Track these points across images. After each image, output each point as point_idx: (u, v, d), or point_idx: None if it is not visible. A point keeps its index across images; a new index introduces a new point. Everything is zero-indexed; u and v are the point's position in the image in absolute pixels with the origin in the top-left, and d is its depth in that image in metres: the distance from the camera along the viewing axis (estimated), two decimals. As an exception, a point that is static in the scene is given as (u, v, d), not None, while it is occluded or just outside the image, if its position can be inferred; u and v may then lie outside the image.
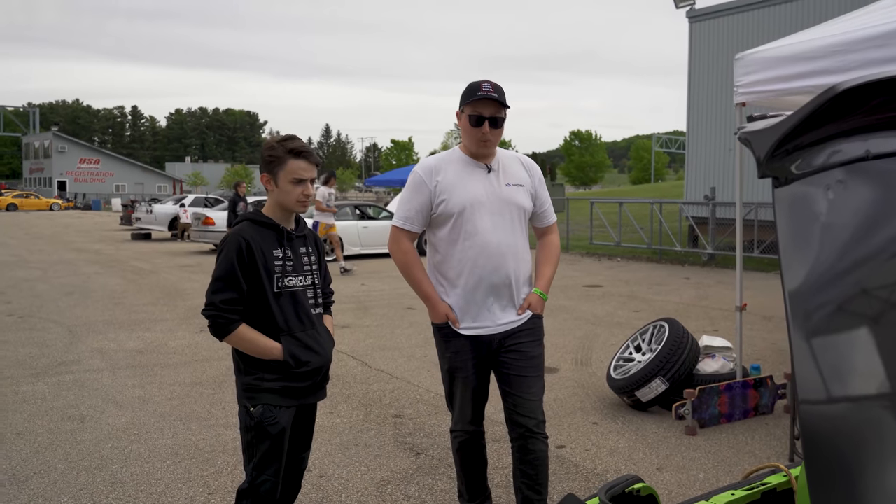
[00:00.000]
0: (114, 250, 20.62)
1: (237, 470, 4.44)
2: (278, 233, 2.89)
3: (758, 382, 5.49)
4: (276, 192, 2.87)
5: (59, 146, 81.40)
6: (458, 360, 3.35)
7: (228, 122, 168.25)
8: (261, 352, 2.82)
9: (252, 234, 2.82)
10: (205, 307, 2.80)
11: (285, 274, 2.85)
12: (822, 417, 1.20)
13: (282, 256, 2.85)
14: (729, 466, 4.51)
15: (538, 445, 3.31)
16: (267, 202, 2.96)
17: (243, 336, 2.80)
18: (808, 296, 1.24)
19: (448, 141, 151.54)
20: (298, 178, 2.84)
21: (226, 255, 2.79)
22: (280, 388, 2.85)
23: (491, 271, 3.26)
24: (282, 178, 2.84)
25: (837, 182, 1.25)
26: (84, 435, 5.05)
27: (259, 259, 2.79)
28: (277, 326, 2.83)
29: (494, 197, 3.29)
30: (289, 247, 2.89)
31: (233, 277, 2.76)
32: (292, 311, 2.87)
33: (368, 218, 18.76)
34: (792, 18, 16.71)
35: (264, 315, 2.83)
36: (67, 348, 7.77)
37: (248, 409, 2.84)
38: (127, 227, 29.22)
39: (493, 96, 3.20)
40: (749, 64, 5.34)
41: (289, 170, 2.83)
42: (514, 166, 3.43)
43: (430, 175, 3.32)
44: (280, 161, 2.84)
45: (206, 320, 2.81)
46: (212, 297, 2.77)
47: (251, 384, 2.85)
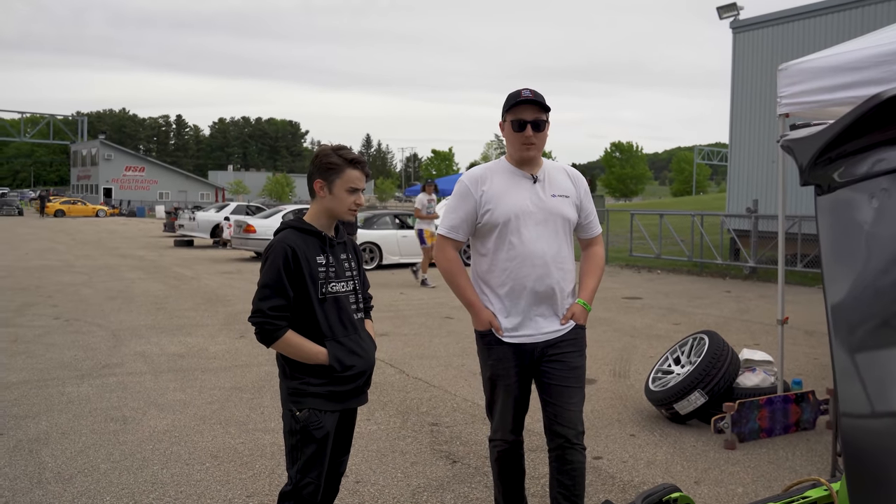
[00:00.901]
0: (157, 256, 20.97)
1: (275, 473, 4.49)
2: (321, 240, 2.94)
3: (799, 397, 5.40)
4: (329, 199, 2.92)
5: (106, 154, 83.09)
6: (501, 367, 3.34)
7: (270, 131, 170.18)
8: (307, 357, 2.86)
9: (296, 241, 2.87)
10: (252, 314, 2.84)
11: (328, 280, 2.90)
12: (864, 432, 1.18)
13: (325, 263, 2.90)
14: (768, 482, 4.44)
15: (576, 456, 3.31)
16: (311, 209, 3.00)
17: (290, 342, 2.85)
18: (851, 308, 1.23)
19: (488, 151, 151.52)
20: (354, 187, 2.91)
21: (272, 263, 2.83)
22: (325, 392, 2.89)
23: (535, 281, 3.27)
24: (338, 185, 2.90)
25: (882, 190, 1.24)
26: (126, 436, 5.14)
27: (304, 266, 2.84)
28: (321, 332, 2.88)
29: (539, 207, 3.30)
30: (331, 253, 2.94)
31: (280, 284, 2.81)
32: (336, 316, 2.92)
33: (408, 227, 18.82)
34: (837, 29, 16.46)
35: (309, 321, 2.88)
36: (111, 351, 7.92)
37: (294, 413, 2.89)
38: (170, 234, 29.73)
39: (533, 99, 3.23)
40: (793, 74, 5.28)
41: (346, 178, 2.90)
42: (560, 177, 3.43)
43: (476, 185, 3.34)
44: (338, 169, 2.89)
45: (253, 327, 2.85)
46: (259, 303, 2.82)
47: (297, 388, 2.89)
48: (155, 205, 64.35)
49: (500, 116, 3.38)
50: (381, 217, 18.79)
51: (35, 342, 8.32)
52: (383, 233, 18.00)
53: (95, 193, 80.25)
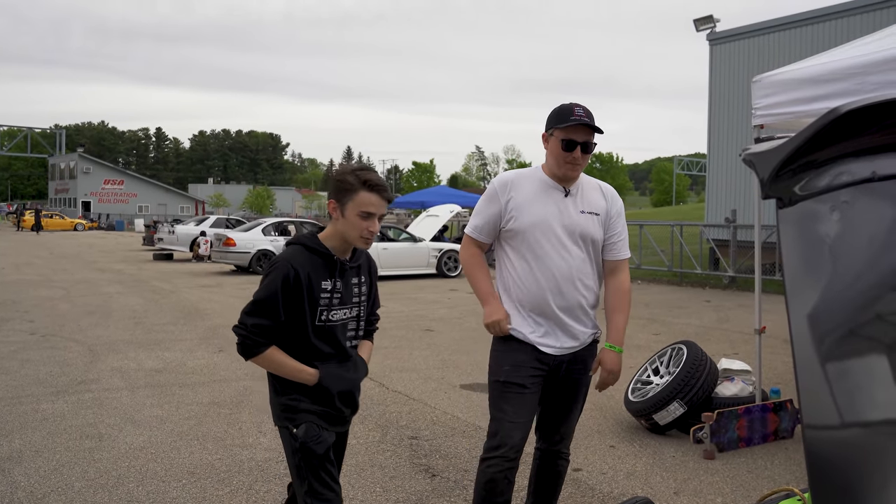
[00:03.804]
0: (135, 270, 20.82)
1: (252, 489, 4.45)
2: (331, 263, 2.75)
3: (777, 406, 5.43)
4: (341, 222, 2.73)
5: (84, 167, 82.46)
6: (517, 374, 3.19)
7: (251, 143, 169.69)
8: (291, 374, 2.73)
9: (303, 262, 2.70)
10: (237, 324, 2.71)
11: (330, 307, 2.74)
12: (827, 443, 1.19)
13: (330, 289, 2.73)
14: (747, 491, 4.46)
15: (564, 465, 3.47)
16: (327, 229, 2.83)
17: (272, 359, 2.71)
18: (814, 319, 1.23)
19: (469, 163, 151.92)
20: (367, 211, 2.68)
21: (271, 281, 2.67)
22: (318, 411, 2.77)
23: (555, 294, 3.19)
24: (350, 208, 2.69)
25: (843, 203, 1.25)
26: (102, 453, 5.08)
27: (305, 290, 2.67)
28: (311, 356, 2.75)
29: (566, 221, 3.21)
30: (339, 278, 2.76)
31: (272, 305, 2.65)
32: (329, 344, 2.78)
33: (388, 240, 18.82)
34: (812, 41, 16.68)
35: (300, 344, 2.74)
36: (88, 367, 7.84)
37: (291, 430, 2.74)
38: (149, 248, 29.50)
39: (587, 122, 3.12)
40: (767, 86, 5.34)
41: (359, 201, 2.68)
42: (594, 194, 3.33)
43: (505, 189, 3.26)
44: (351, 191, 2.68)
45: (237, 339, 2.72)
46: (245, 317, 2.68)
47: (288, 405, 2.76)
48: (134, 218, 63.97)
49: (545, 127, 3.24)
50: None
51: (10, 358, 8.22)
52: (364, 245, 17.96)
53: (74, 207, 79.56)
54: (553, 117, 3.21)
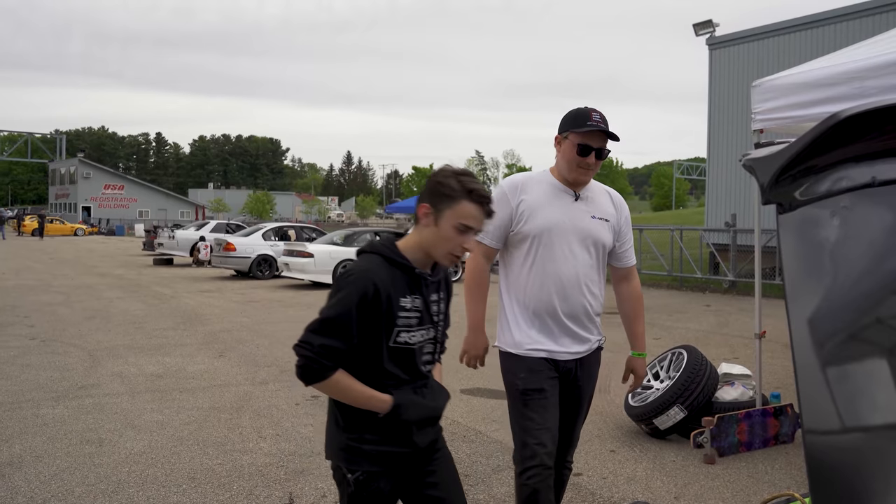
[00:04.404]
0: (136, 275, 20.81)
1: (252, 495, 4.45)
2: (412, 277, 2.37)
3: (778, 411, 5.42)
4: (431, 232, 2.35)
5: (85, 172, 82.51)
6: (534, 379, 3.11)
7: (251, 148, 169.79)
8: (361, 401, 2.32)
9: (383, 276, 2.30)
10: (299, 343, 2.26)
11: (409, 328, 2.35)
12: (828, 447, 1.19)
13: (410, 307, 2.35)
14: (748, 496, 4.45)
15: (567, 474, 3.42)
16: (410, 237, 2.43)
17: (339, 384, 2.29)
18: (814, 324, 1.24)
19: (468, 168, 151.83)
20: (467, 225, 2.31)
21: (346, 296, 2.26)
22: (385, 452, 2.36)
23: (562, 300, 3.14)
24: (447, 217, 2.31)
25: (843, 208, 1.26)
26: (102, 458, 5.08)
27: (384, 308, 2.28)
28: (383, 381, 2.34)
29: (576, 226, 3.15)
30: (420, 295, 2.39)
31: (345, 325, 2.25)
32: (404, 369, 2.38)
33: (388, 244, 18.80)
34: (811, 45, 16.70)
35: (371, 368, 2.34)
36: (88, 372, 7.84)
37: (345, 475, 2.37)
38: (149, 253, 29.50)
39: (603, 128, 3.07)
40: (766, 91, 5.34)
41: (459, 212, 2.30)
42: (603, 199, 3.29)
43: (515, 192, 3.19)
44: (452, 198, 2.31)
45: (296, 358, 2.27)
46: (311, 335, 2.25)
47: (349, 445, 2.36)
48: (134, 223, 63.98)
49: (559, 130, 3.18)
50: (361, 234, 18.79)
51: (10, 363, 8.21)
52: (364, 250, 17.96)
53: (74, 212, 79.58)
54: (569, 120, 3.15)
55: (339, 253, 17.52)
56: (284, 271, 17.99)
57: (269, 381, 7.49)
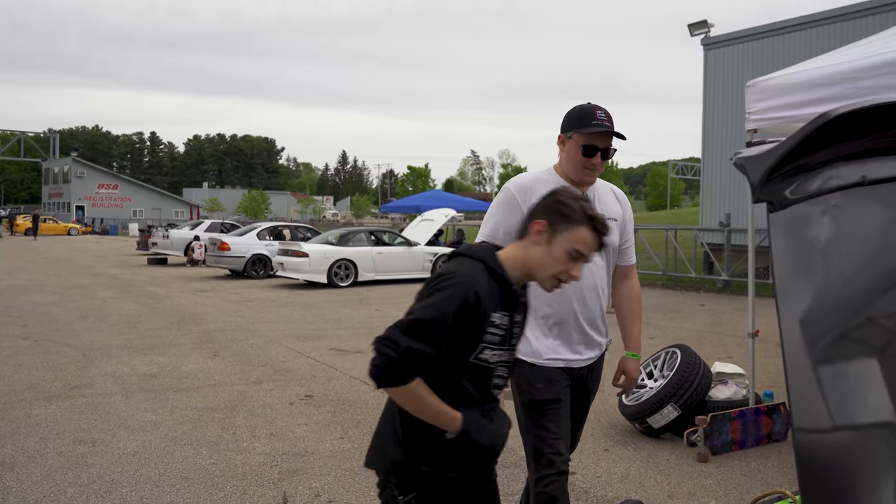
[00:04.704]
0: (130, 275, 20.77)
1: (246, 494, 4.44)
2: (507, 293, 2.23)
3: (771, 409, 5.44)
4: (540, 251, 2.22)
5: (78, 171, 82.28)
6: (552, 390, 3.03)
7: (246, 148, 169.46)
8: (431, 415, 2.13)
9: (484, 286, 2.15)
10: (384, 341, 2.07)
11: (492, 345, 2.20)
12: (818, 446, 1.19)
13: (498, 323, 2.20)
14: (740, 494, 4.46)
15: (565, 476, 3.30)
16: (512, 251, 2.27)
17: (414, 393, 2.10)
18: (804, 323, 1.24)
19: (464, 168, 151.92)
20: (580, 251, 2.20)
21: (446, 299, 2.09)
22: (442, 477, 2.20)
23: (582, 307, 3.08)
24: (562, 239, 2.20)
25: (833, 206, 1.26)
26: (95, 458, 5.06)
27: (478, 321, 2.14)
28: (455, 399, 2.18)
29: None
30: (509, 313, 2.24)
31: (438, 330, 2.07)
32: (478, 388, 2.23)
33: (383, 244, 18.81)
34: (805, 45, 16.75)
35: (445, 384, 2.17)
36: (81, 372, 7.81)
37: (396, 496, 2.20)
38: (143, 252, 29.43)
39: (609, 127, 2.98)
40: (760, 91, 5.36)
41: (576, 237, 2.20)
42: (609, 198, 3.21)
43: (525, 195, 3.04)
44: (572, 221, 2.20)
45: (374, 356, 2.09)
46: (399, 335, 2.06)
47: (406, 463, 2.19)
48: (128, 223, 63.83)
49: (562, 128, 3.09)
50: (356, 234, 18.77)
51: (2, 363, 8.19)
52: (359, 249, 17.97)
53: (68, 211, 79.35)
54: (573, 119, 3.05)
55: (333, 252, 17.51)
56: (279, 271, 17.97)
57: (264, 380, 7.48)
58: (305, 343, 9.71)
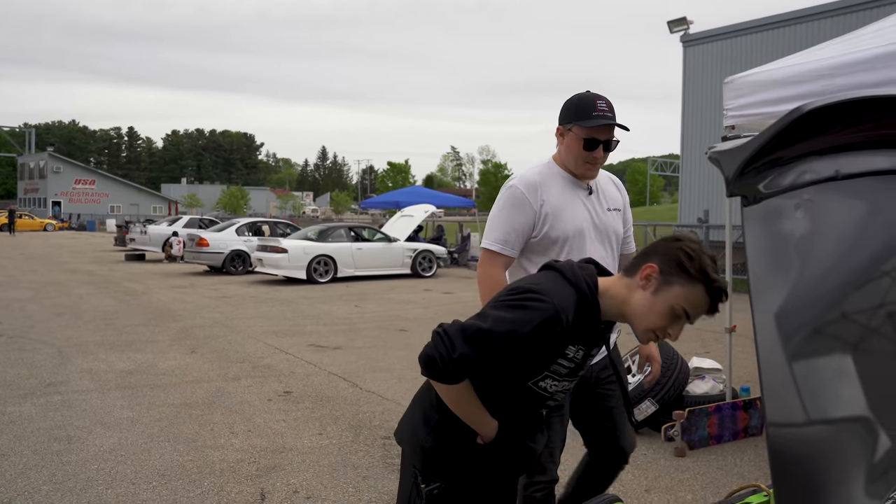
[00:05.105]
0: (107, 271, 20.57)
1: (223, 491, 4.41)
2: (593, 330, 2.07)
3: (747, 404, 5.48)
4: (641, 297, 2.00)
5: (55, 167, 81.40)
6: None
7: (225, 143, 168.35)
8: (469, 418, 2.08)
9: (571, 319, 1.98)
10: (443, 339, 1.95)
11: (557, 376, 2.08)
12: (790, 440, 1.20)
13: (571, 356, 2.06)
14: (717, 488, 4.49)
15: (619, 470, 3.24)
16: (613, 287, 2.07)
17: (457, 393, 2.03)
18: (775, 316, 1.24)
19: (444, 164, 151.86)
20: (688, 312, 1.96)
21: (524, 320, 1.93)
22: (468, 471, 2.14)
23: None
24: (672, 294, 1.95)
25: (806, 201, 1.27)
26: (70, 456, 5.01)
27: (549, 352, 2.02)
28: (496, 409, 2.11)
29: (597, 223, 2.98)
30: (585, 349, 2.09)
31: (503, 348, 1.94)
32: (526, 407, 2.15)
33: (363, 240, 18.77)
34: (783, 43, 16.88)
35: (490, 396, 2.09)
36: (56, 369, 7.73)
37: (419, 482, 2.14)
38: (121, 248, 29.18)
39: (611, 119, 2.84)
40: (738, 87, 5.39)
41: (690, 296, 1.94)
42: (610, 188, 3.12)
43: (535, 193, 2.92)
44: (690, 278, 1.92)
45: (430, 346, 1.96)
46: (459, 338, 1.93)
47: (432, 451, 2.13)
48: (106, 218, 63.24)
49: (561, 120, 2.96)
50: (336, 230, 18.71)
51: (-23, 360, 8.08)
52: (338, 245, 17.91)
53: (44, 207, 78.45)
54: (572, 110, 2.91)
55: (313, 248, 17.45)
56: (258, 267, 17.88)
57: (242, 376, 7.44)
58: (284, 339, 9.67)
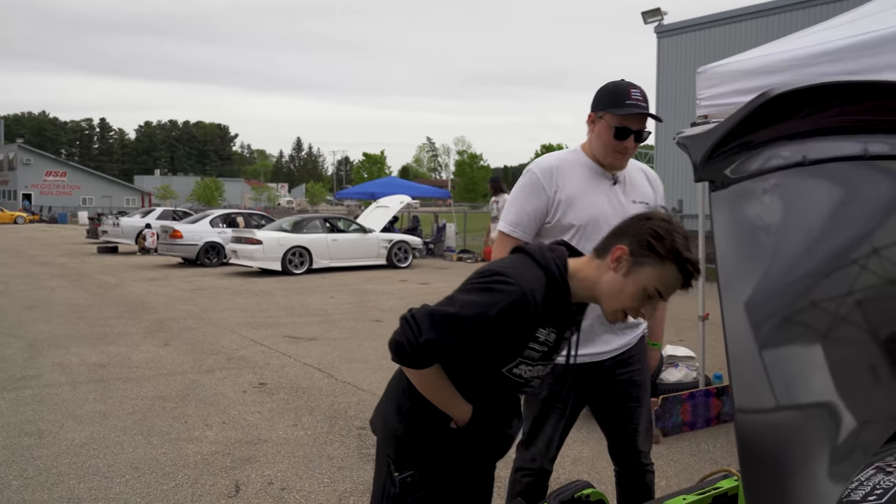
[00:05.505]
0: (79, 264, 20.33)
1: (198, 483, 4.39)
2: (565, 314, 2.04)
3: (720, 391, 5.54)
4: (612, 279, 1.97)
5: (25, 158, 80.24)
6: (560, 388, 2.88)
7: (199, 134, 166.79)
8: (441, 402, 2.05)
9: (540, 301, 1.94)
10: (410, 324, 1.94)
11: (530, 361, 2.05)
12: (757, 425, 1.22)
13: (543, 340, 2.02)
14: (690, 474, 4.54)
15: (649, 477, 3.13)
16: (584, 268, 2.03)
17: (427, 378, 2.00)
18: (743, 301, 1.25)
19: (420, 154, 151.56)
20: (660, 292, 1.94)
21: (490, 303, 1.90)
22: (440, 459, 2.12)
23: None
24: (643, 275, 1.93)
25: (774, 186, 1.27)
26: (41, 450, 4.95)
27: (519, 335, 1.98)
28: (472, 395, 2.07)
29: (619, 214, 2.77)
30: (557, 331, 2.06)
31: (469, 330, 1.91)
32: (501, 393, 2.12)
33: (338, 231, 18.69)
34: (756, 34, 17.00)
35: (463, 381, 2.06)
36: (27, 363, 7.63)
37: (392, 470, 2.12)
38: (93, 241, 28.83)
39: (644, 108, 2.79)
40: (711, 77, 5.42)
41: (662, 276, 1.92)
42: (640, 179, 3.02)
43: (550, 178, 2.86)
44: (661, 258, 1.91)
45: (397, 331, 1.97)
46: (427, 323, 1.91)
47: (404, 439, 2.12)
48: (78, 211, 62.46)
49: (593, 107, 2.88)
50: (311, 221, 18.62)
51: (-55, 355, 7.96)
52: (313, 236, 17.82)
53: (14, 199, 77.37)
54: (605, 97, 2.84)
55: (288, 239, 17.35)
56: (232, 258, 17.76)
57: (216, 368, 7.39)
58: (259, 331, 9.61)
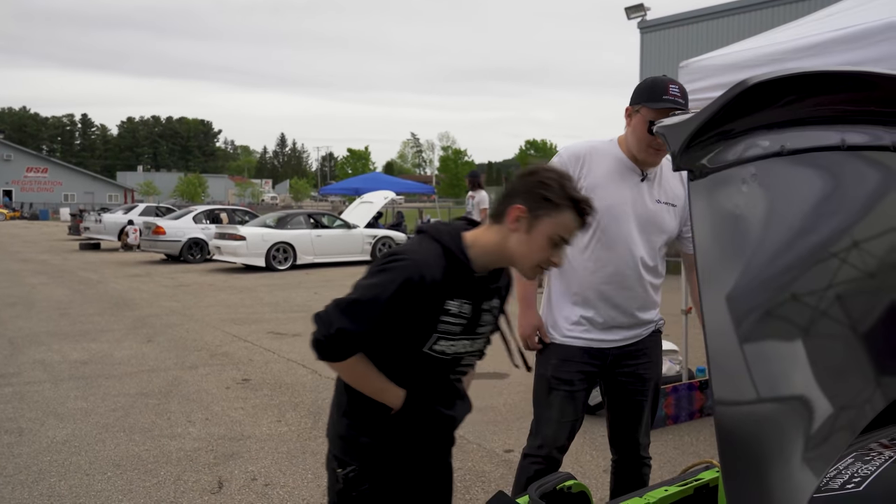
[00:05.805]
0: (61, 260, 20.17)
1: (180, 480, 4.36)
2: (468, 281, 2.03)
3: (703, 384, 5.56)
4: (518, 239, 1.99)
5: (5, 154, 79.43)
6: (565, 370, 2.90)
7: (182, 130, 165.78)
8: (371, 391, 2.05)
9: (435, 271, 1.95)
10: (321, 318, 1.95)
11: (447, 336, 2.03)
12: (735, 417, 1.23)
13: (456, 312, 2.02)
14: (674, 467, 4.56)
15: (645, 470, 3.16)
16: (483, 235, 2.05)
17: (352, 369, 2.01)
18: (724, 295, 1.25)
19: (404, 150, 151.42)
20: (564, 238, 1.99)
21: (387, 281, 1.93)
22: (382, 451, 2.09)
23: (616, 287, 2.86)
24: (544, 225, 1.96)
25: (752, 176, 1.28)
26: (22, 448, 4.91)
27: (425, 309, 1.97)
28: (404, 382, 2.06)
29: (639, 211, 2.85)
30: (472, 302, 2.05)
31: (373, 311, 1.93)
32: (433, 375, 2.10)
33: (322, 227, 18.64)
34: (739, 29, 17.08)
35: (390, 368, 2.05)
36: (7, 360, 7.56)
37: (336, 469, 2.10)
38: (75, 237, 28.63)
39: (682, 104, 2.75)
40: (693, 72, 5.44)
41: (560, 222, 1.96)
42: (674, 180, 2.97)
43: (576, 164, 2.85)
44: (556, 206, 1.96)
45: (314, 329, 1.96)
46: (335, 313, 1.93)
47: (346, 436, 2.10)
48: (59, 207, 61.97)
49: (631, 101, 2.86)
50: (295, 217, 18.55)
51: (-76, 352, 7.88)
52: (297, 232, 17.77)
53: (-6, 196, 76.68)
54: (643, 92, 2.83)
55: (271, 235, 17.29)
56: (216, 255, 17.67)
57: (199, 365, 7.36)
58: (243, 327, 9.57)
